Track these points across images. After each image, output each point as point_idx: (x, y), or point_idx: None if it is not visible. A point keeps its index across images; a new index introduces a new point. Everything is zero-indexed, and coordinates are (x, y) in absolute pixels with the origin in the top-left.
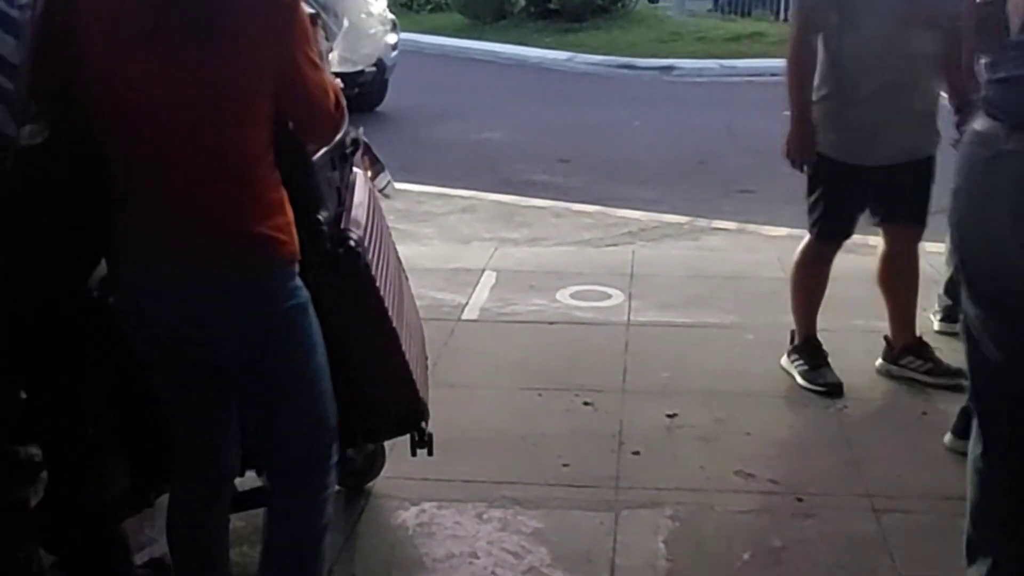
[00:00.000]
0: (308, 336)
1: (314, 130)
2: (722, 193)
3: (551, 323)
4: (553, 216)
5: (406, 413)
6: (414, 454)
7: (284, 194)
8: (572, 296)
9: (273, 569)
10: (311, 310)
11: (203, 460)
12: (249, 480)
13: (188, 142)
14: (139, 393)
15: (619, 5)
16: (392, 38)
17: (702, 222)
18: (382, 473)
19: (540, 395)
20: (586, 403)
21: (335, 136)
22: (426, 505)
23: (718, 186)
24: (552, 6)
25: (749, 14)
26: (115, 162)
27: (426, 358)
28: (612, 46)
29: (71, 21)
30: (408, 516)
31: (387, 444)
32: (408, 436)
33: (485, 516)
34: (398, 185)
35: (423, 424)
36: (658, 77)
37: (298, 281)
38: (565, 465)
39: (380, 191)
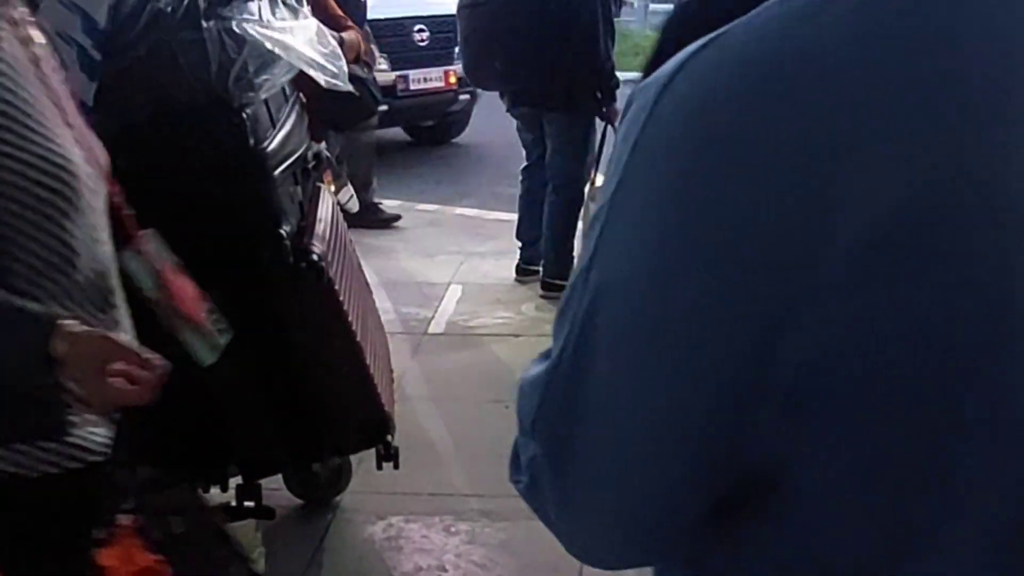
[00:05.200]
0: None
1: None
2: None
3: (517, 336)
4: None
5: (372, 426)
6: (380, 468)
7: None
8: (538, 308)
9: None
10: None
11: None
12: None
13: None
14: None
15: None
16: None
17: None
18: (349, 487)
19: (507, 407)
20: None
21: None
22: (393, 519)
23: None
24: None
25: None
26: None
27: (391, 372)
28: None
29: None
30: (375, 530)
31: (354, 458)
32: (374, 450)
33: (452, 529)
34: None
35: (389, 437)
36: (623, 90)
37: None
38: None
39: (343, 205)
